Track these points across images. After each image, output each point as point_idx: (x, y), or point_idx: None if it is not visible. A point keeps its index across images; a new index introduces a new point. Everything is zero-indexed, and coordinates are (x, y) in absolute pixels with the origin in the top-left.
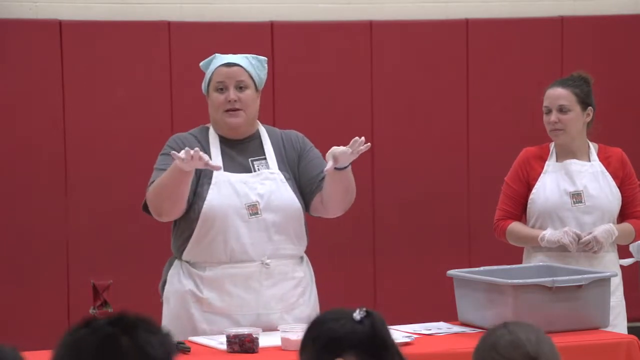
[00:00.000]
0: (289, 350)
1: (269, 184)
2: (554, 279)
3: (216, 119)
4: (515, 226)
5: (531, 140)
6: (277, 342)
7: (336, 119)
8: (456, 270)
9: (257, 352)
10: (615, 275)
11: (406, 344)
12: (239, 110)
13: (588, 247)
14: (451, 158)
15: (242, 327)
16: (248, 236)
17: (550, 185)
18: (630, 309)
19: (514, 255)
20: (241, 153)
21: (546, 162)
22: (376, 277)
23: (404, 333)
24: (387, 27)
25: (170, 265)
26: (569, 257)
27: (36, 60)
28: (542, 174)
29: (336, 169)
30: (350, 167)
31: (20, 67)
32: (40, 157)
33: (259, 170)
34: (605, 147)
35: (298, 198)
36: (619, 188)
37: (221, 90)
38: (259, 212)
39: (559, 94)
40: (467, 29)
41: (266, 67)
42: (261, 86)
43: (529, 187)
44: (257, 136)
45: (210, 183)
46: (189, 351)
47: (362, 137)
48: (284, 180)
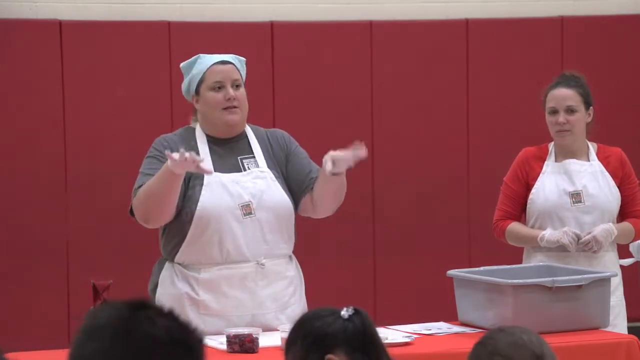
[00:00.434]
0: None
1: (260, 182)
2: (554, 279)
3: (212, 117)
4: (515, 226)
5: (531, 140)
6: (277, 342)
7: (336, 118)
8: (456, 270)
9: (257, 352)
10: (616, 275)
11: (406, 344)
12: (236, 107)
13: (588, 247)
14: (451, 158)
15: (238, 327)
16: (243, 237)
17: (550, 185)
18: (630, 309)
19: (514, 255)
20: (230, 152)
21: (545, 162)
22: (376, 277)
23: (404, 333)
24: (387, 27)
25: (161, 268)
26: (569, 257)
27: (36, 60)
28: (541, 174)
29: (333, 174)
30: (344, 171)
31: (20, 67)
32: (40, 157)
33: (249, 168)
34: (604, 146)
35: (288, 196)
36: (619, 187)
37: (218, 89)
38: (252, 212)
39: (566, 94)
40: (467, 29)
41: (245, 68)
42: None
43: (528, 187)
44: (244, 135)
45: (202, 184)
46: None
47: (363, 142)
48: (274, 178)
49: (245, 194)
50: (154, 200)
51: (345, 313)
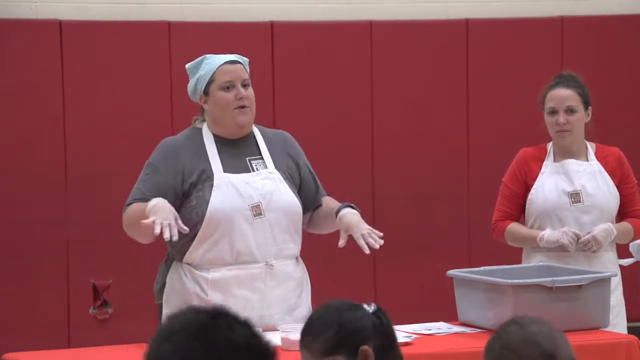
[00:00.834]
0: (289, 350)
1: (270, 183)
2: (554, 279)
3: (223, 118)
4: (514, 227)
5: (531, 140)
6: (277, 342)
7: (336, 118)
8: (456, 270)
9: None
10: (616, 275)
11: (406, 344)
12: (247, 107)
13: (587, 247)
14: (451, 158)
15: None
16: (253, 237)
17: (549, 185)
18: (630, 309)
19: (514, 255)
20: (238, 153)
21: (544, 163)
22: (376, 277)
23: (404, 333)
24: (387, 27)
25: (168, 268)
26: (568, 257)
27: (36, 60)
28: (540, 175)
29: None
30: None
31: (20, 67)
32: (41, 157)
33: (257, 169)
34: (602, 146)
35: (297, 197)
36: (617, 187)
37: (228, 88)
38: (262, 213)
39: (566, 95)
40: (467, 29)
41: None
42: None
43: (526, 187)
44: (252, 136)
45: (212, 185)
46: None
47: (381, 234)
48: (282, 180)
49: (255, 194)
50: (134, 230)
51: (369, 308)
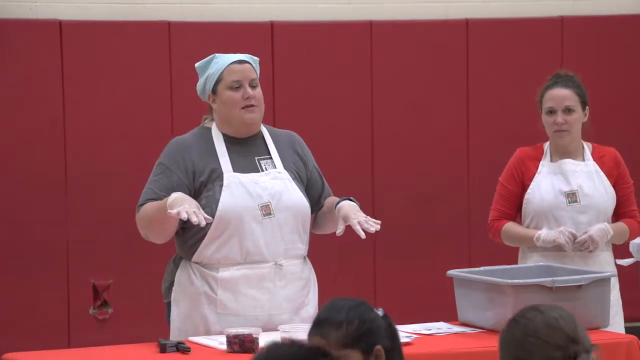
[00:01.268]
0: None
1: (279, 183)
2: (554, 279)
3: (230, 116)
4: (510, 226)
5: (531, 140)
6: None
7: (336, 119)
8: (456, 270)
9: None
10: (615, 275)
11: (406, 344)
12: (255, 106)
13: (584, 247)
14: (451, 158)
15: (254, 327)
16: (262, 237)
17: (545, 185)
18: (629, 309)
19: (514, 255)
20: (247, 152)
21: (540, 162)
22: (376, 277)
23: (404, 333)
24: (387, 27)
25: (177, 267)
26: (565, 257)
27: (36, 60)
28: (536, 174)
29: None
30: None
31: (20, 67)
32: (40, 157)
33: (266, 169)
34: (599, 146)
35: (305, 197)
36: (613, 187)
37: (236, 88)
38: (271, 213)
39: (564, 94)
40: (467, 29)
41: (259, 67)
42: None
43: (523, 187)
44: (260, 135)
45: (221, 185)
46: (188, 351)
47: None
48: (291, 179)
49: (264, 194)
50: (151, 229)
51: (380, 311)
